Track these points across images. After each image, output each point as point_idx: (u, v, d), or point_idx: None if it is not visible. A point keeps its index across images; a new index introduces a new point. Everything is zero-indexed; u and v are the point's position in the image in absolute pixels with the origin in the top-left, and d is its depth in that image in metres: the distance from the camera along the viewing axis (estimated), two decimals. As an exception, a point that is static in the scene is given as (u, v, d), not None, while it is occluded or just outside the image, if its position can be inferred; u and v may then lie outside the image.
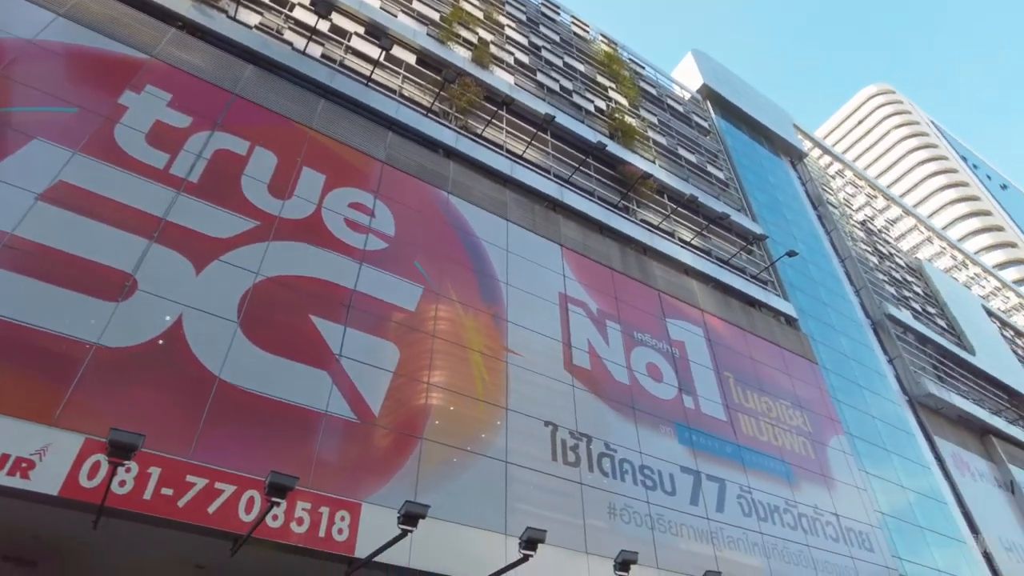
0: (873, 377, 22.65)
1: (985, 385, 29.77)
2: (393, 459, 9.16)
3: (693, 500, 12.28)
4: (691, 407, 14.11)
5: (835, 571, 13.81)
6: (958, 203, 79.09)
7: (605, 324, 13.99)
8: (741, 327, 17.64)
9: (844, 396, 19.86)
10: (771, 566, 12.51)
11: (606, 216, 16.96)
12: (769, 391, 16.51)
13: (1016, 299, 49.61)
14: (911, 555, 17.21)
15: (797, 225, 27.19)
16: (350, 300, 10.24)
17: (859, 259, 28.90)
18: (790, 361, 18.13)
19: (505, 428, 10.56)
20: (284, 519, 7.69)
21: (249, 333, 9.00)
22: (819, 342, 20.99)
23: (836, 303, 24.85)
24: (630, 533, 10.73)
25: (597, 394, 12.44)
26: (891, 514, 17.73)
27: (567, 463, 10.90)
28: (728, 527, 12.44)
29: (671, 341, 15.15)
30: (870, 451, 19.09)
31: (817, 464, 15.92)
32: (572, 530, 10.14)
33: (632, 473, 11.67)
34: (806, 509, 14.48)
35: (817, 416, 17.28)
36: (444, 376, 10.52)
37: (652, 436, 12.67)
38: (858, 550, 14.87)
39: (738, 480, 13.54)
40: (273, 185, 10.89)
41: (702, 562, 11.11)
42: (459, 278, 12.07)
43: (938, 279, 34.81)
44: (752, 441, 14.78)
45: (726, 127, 28.82)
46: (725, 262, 19.84)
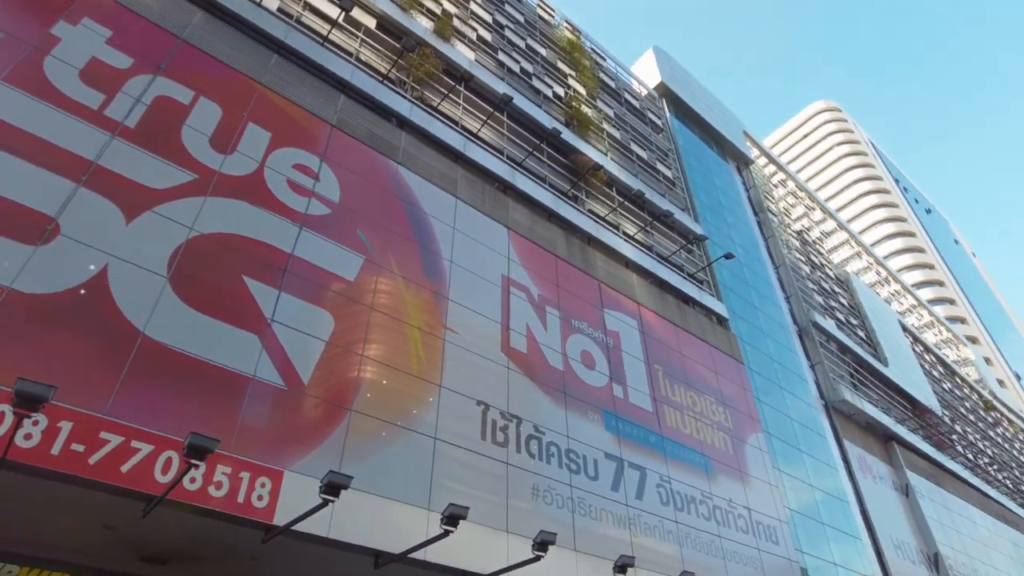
0: (794, 380, 23.72)
1: (893, 395, 31.65)
2: (320, 429, 9.04)
3: (614, 486, 12.62)
4: (620, 396, 14.45)
5: (742, 561, 14.49)
6: (887, 223, 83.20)
7: (545, 310, 14.13)
8: (674, 323, 18.14)
9: (766, 396, 20.74)
10: (684, 554, 13.01)
11: (555, 203, 17.07)
12: (696, 386, 17.07)
13: (928, 317, 52.75)
14: (812, 549, 18.23)
15: (737, 229, 28.05)
16: (287, 264, 9.99)
17: (792, 267, 30.08)
18: (718, 359, 18.78)
19: (437, 405, 10.57)
20: (202, 482, 7.50)
21: (178, 289, 8.67)
22: (747, 343, 21.82)
23: (766, 307, 25.84)
24: (551, 515, 10.97)
25: (531, 377, 12.58)
26: (798, 510, 18.71)
27: (496, 443, 11.01)
28: (646, 514, 12.86)
29: (607, 331, 15.45)
30: (785, 450, 20.05)
31: (735, 459, 16.60)
32: (495, 509, 10.28)
33: (558, 456, 11.89)
34: (721, 502, 15.11)
35: (739, 413, 17.99)
36: (379, 350, 10.42)
37: (580, 422, 12.93)
38: (765, 542, 15.64)
39: (659, 470, 13.99)
40: (215, 138, 10.46)
41: (618, 547, 11.45)
42: (402, 251, 11.94)
43: (862, 292, 36.62)
44: (675, 433, 15.28)
45: (679, 127, 29.35)
46: (665, 259, 20.30)
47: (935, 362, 42.63)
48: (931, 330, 51.37)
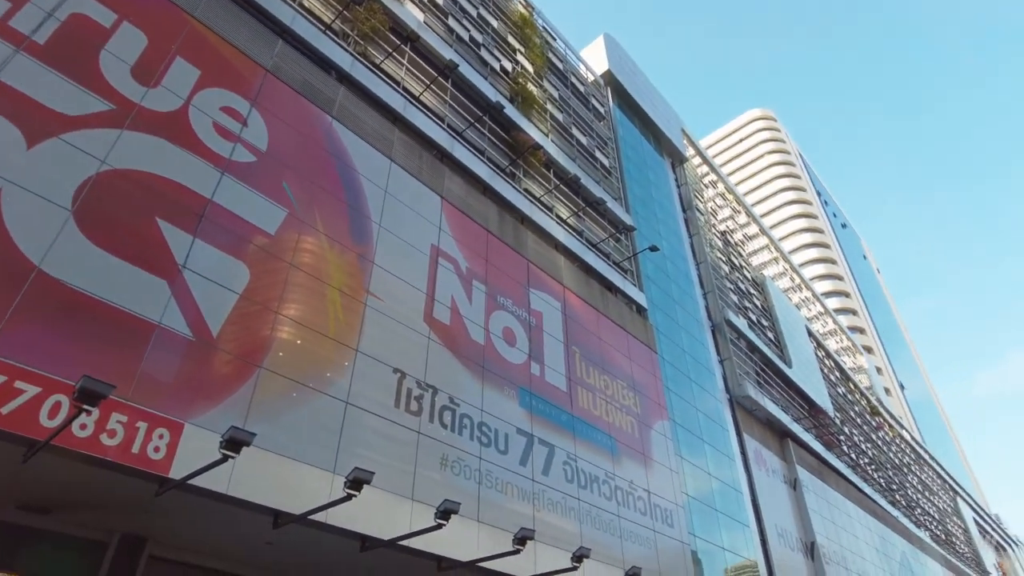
0: (703, 373, 24.79)
1: (793, 395, 33.62)
2: (227, 384, 8.75)
3: (523, 461, 12.88)
4: (537, 374, 14.69)
5: (638, 541, 15.13)
6: (805, 233, 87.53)
7: (471, 283, 14.13)
8: (596, 308, 18.54)
9: (675, 386, 21.59)
10: (583, 531, 13.46)
11: (492, 178, 17.01)
12: (610, 371, 17.56)
13: (832, 325, 56.15)
14: (704, 533, 19.27)
15: (665, 224, 28.84)
16: (204, 210, 9.53)
17: (713, 265, 31.24)
18: (633, 346, 19.37)
19: (352, 370, 10.42)
20: (94, 430, 7.12)
21: (83, 225, 8.12)
22: (662, 334, 22.59)
23: (684, 301, 26.80)
24: (458, 485, 11.08)
25: (451, 349, 12.59)
26: (694, 496, 19.68)
27: (409, 411, 10.99)
28: (550, 490, 13.20)
29: (530, 310, 15.63)
30: (688, 438, 20.99)
31: (640, 443, 17.24)
32: (402, 476, 10.28)
33: (470, 429, 12.00)
34: (623, 483, 15.68)
35: (648, 400, 18.65)
36: (296, 309, 10.15)
37: (496, 396, 13.07)
38: (661, 524, 16.37)
39: (567, 448, 14.37)
40: (138, 69, 9.79)
41: (521, 520, 11.71)
42: (329, 209, 11.61)
43: (775, 296, 38.50)
44: (586, 414, 15.70)
45: (620, 117, 29.74)
46: (594, 245, 20.66)
47: (833, 367, 45.51)
48: (833, 337, 54.73)
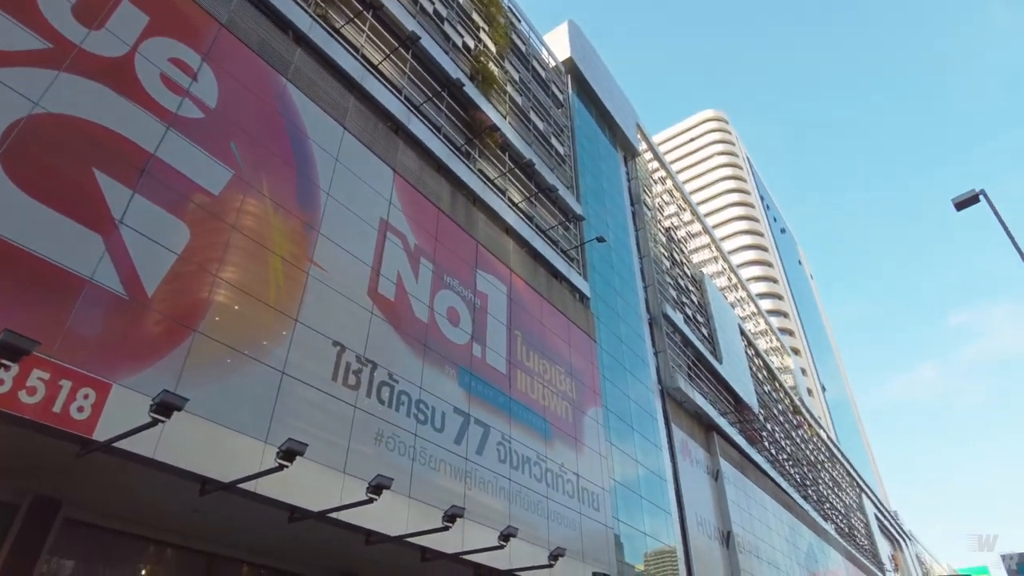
0: (638, 363, 25.45)
1: (722, 390, 34.90)
2: (159, 346, 8.48)
3: (458, 440, 13.00)
4: (478, 355, 14.80)
5: (564, 523, 15.53)
6: (746, 235, 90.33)
7: (419, 260, 14.06)
8: (541, 294, 18.76)
9: (610, 374, 22.12)
10: (511, 510, 13.72)
11: (447, 155, 16.90)
12: (549, 356, 17.85)
13: (764, 325, 58.38)
14: (627, 518, 19.92)
15: (613, 215, 29.29)
16: (146, 165, 9.14)
17: (655, 260, 31.96)
18: (574, 334, 19.71)
19: (291, 339, 10.26)
20: (12, 386, 6.80)
21: (11, 170, 7.67)
22: (603, 323, 23.06)
23: (625, 293, 27.38)
24: (392, 460, 11.11)
25: (394, 326, 12.54)
26: (621, 482, 20.30)
27: (347, 385, 10.91)
28: (483, 470, 13.39)
29: (476, 291, 15.68)
30: (619, 426, 21.58)
31: (573, 428, 17.63)
32: (335, 449, 10.24)
33: (408, 405, 12.02)
34: (554, 465, 16.04)
35: (583, 386, 19.06)
36: (236, 273, 9.89)
37: (436, 375, 13.12)
38: (587, 508, 16.84)
39: (502, 429, 14.57)
40: (80, 9, 9.24)
41: (452, 498, 11.85)
42: (277, 174, 11.32)
43: (712, 294, 39.72)
44: (523, 396, 15.94)
45: (578, 106, 29.90)
46: (543, 231, 20.83)
47: (762, 366, 47.42)
48: (764, 337, 56.95)
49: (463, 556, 11.72)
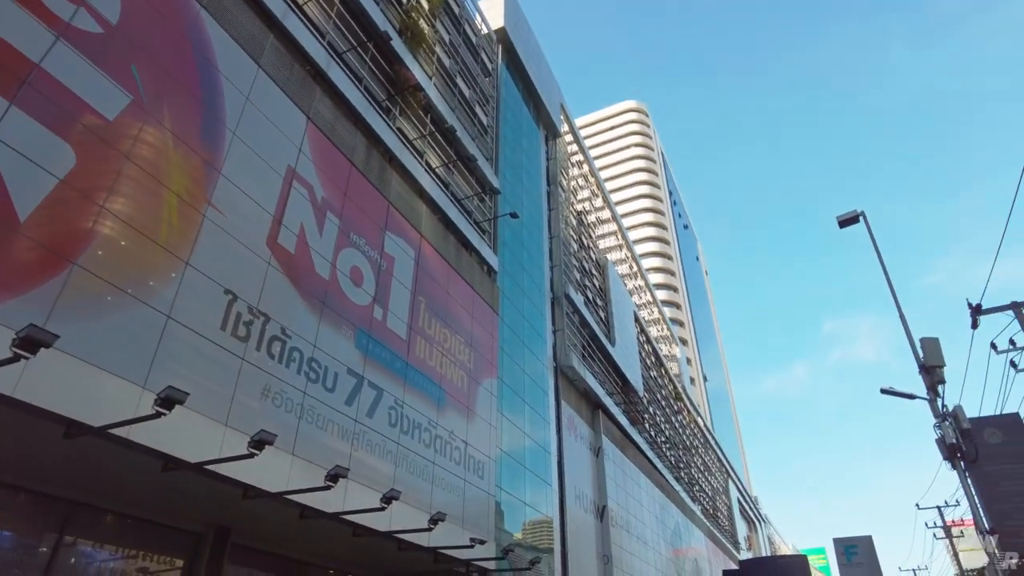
0: (536, 340, 26.03)
1: (611, 372, 36.36)
2: (29, 275, 7.78)
3: (349, 401, 12.84)
4: (379, 319, 14.62)
5: (448, 488, 15.78)
6: (650, 227, 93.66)
7: (325, 215, 13.63)
8: (449, 263, 18.72)
9: (509, 348, 22.51)
10: (397, 474, 13.78)
11: (365, 109, 16.36)
12: (451, 325, 17.91)
13: (657, 314, 61.06)
14: (509, 487, 20.50)
15: (528, 193, 29.55)
16: (29, 76, 8.27)
17: (564, 241, 32.60)
18: (478, 306, 19.86)
19: (180, 282, 9.70)
20: None
21: None
22: (507, 297, 23.37)
23: (532, 270, 27.83)
24: (277, 416, 10.83)
25: (292, 279, 12.12)
26: (507, 452, 20.82)
27: (236, 336, 10.48)
28: (372, 432, 13.33)
29: (383, 253, 15.42)
30: (511, 398, 22.06)
31: (467, 397, 17.85)
32: (219, 400, 9.85)
33: (299, 362, 11.72)
34: (444, 432, 16.21)
35: (482, 358, 19.30)
36: (125, 205, 9.20)
37: (332, 334, 12.85)
38: (472, 475, 17.17)
39: (396, 393, 14.53)
40: None
41: (338, 458, 11.74)
42: (180, 105, 10.56)
43: (613, 280, 41.06)
44: (420, 363, 15.94)
45: (506, 78, 29.74)
46: (458, 200, 20.71)
47: (651, 352, 49.73)
48: (656, 326, 59.61)
49: (342, 516, 11.68)
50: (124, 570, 11.11)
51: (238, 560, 14.00)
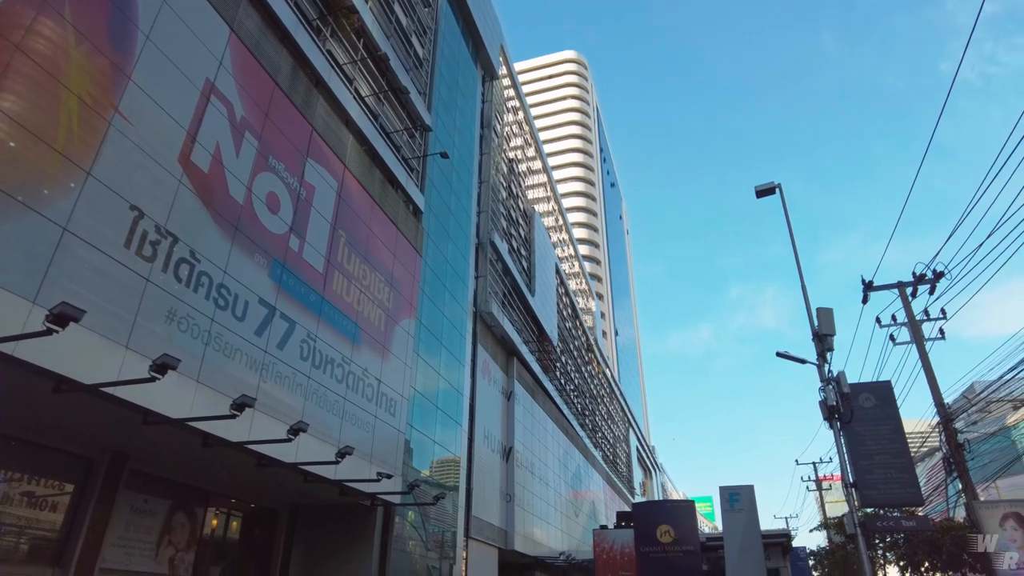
0: (457, 284, 26.07)
1: (528, 320, 37.05)
2: (-102, 169, 7.03)
3: (259, 331, 12.52)
4: (295, 249, 14.19)
5: (359, 424, 15.83)
6: (578, 181, 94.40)
7: (244, 135, 12.92)
8: (373, 198, 18.28)
9: (429, 290, 22.45)
10: (306, 407, 13.66)
11: (294, 26, 15.42)
12: (372, 262, 17.63)
13: (577, 268, 62.32)
14: (420, 426, 20.78)
15: (460, 134, 29.01)
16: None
17: (493, 187, 32.43)
18: (400, 245, 19.60)
19: (79, 194, 9.01)
20: None
21: None
22: (431, 239, 23.15)
23: (459, 214, 27.60)
24: (182, 342, 10.43)
25: (204, 201, 11.50)
26: (421, 392, 21.02)
27: (141, 255, 9.92)
28: (281, 364, 13.10)
29: (303, 182, 14.86)
30: (429, 340, 22.14)
31: (383, 336, 17.77)
32: (119, 321, 9.37)
33: (208, 288, 11.26)
34: (357, 369, 16.14)
35: (401, 298, 19.18)
36: (16, 104, 8.38)
37: (244, 262, 12.38)
38: (384, 412, 17.28)
39: (309, 327, 14.28)
40: None
41: (245, 388, 11.49)
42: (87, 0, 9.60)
43: (538, 231, 41.40)
44: (337, 299, 15.68)
45: (447, 11, 28.70)
46: (387, 133, 20.10)
47: (568, 304, 50.90)
48: (575, 279, 60.90)
49: (247, 445, 11.55)
50: (7, 494, 10.61)
51: (136, 487, 13.66)
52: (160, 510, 14.60)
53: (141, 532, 13.99)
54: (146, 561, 14.03)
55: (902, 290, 15.48)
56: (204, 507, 16.06)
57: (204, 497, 16.05)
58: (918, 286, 15.05)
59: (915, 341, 14.98)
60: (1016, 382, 14.28)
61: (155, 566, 14.25)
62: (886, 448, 12.90)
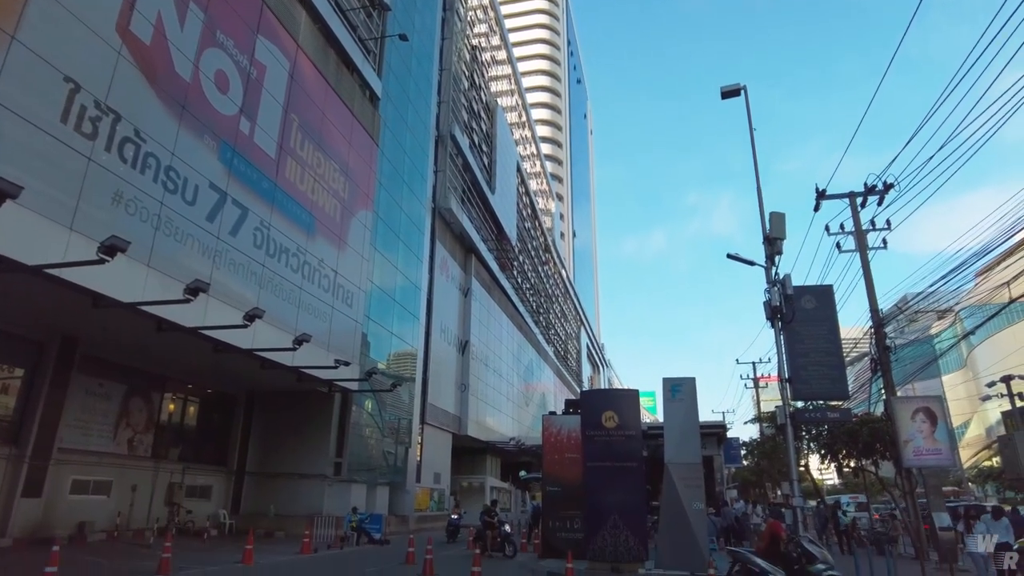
0: (416, 178, 25.57)
1: (488, 219, 36.91)
2: None
3: (211, 217, 12.20)
4: (245, 132, 13.60)
5: (315, 314, 15.90)
6: (544, 75, 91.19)
7: (188, 6, 11.96)
8: (328, 81, 17.43)
9: (387, 182, 22.00)
10: (262, 295, 13.60)
11: None
12: (326, 149, 17.06)
13: (539, 168, 61.62)
14: (378, 318, 21.01)
15: (422, 16, 27.44)
16: None
17: (455, 76, 31.16)
18: (356, 132, 18.94)
19: (3, 62, 8.33)
20: None
21: None
22: (389, 128, 22.40)
23: (418, 104, 26.61)
24: (131, 226, 10.09)
25: (147, 76, 10.78)
26: (378, 284, 21.08)
27: (81, 132, 9.37)
28: (235, 251, 12.89)
29: (253, 60, 14.02)
30: (386, 233, 21.95)
31: (339, 227, 17.53)
32: (62, 201, 8.96)
33: (156, 170, 10.80)
34: (313, 259, 16.00)
35: (357, 188, 18.78)
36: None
37: (193, 143, 11.84)
38: (341, 304, 17.35)
39: (262, 215, 13.96)
40: None
41: (196, 274, 11.25)
42: None
43: (501, 126, 40.39)
44: (291, 187, 15.26)
45: None
46: (342, 11, 18.89)
47: (528, 204, 50.69)
48: (536, 179, 60.35)
49: (202, 331, 11.56)
50: (-46, 372, 10.48)
51: (90, 371, 13.65)
52: (116, 394, 14.69)
53: (98, 415, 14.13)
54: (104, 442, 14.27)
55: (852, 200, 15.89)
56: (161, 392, 16.23)
57: (160, 382, 16.17)
58: (868, 196, 15.46)
59: (859, 249, 15.58)
60: (941, 294, 15.14)
61: (114, 447, 14.53)
62: (821, 347, 13.69)
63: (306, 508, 17.36)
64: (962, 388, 60.31)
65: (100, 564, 9.68)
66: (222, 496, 17.94)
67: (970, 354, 60.65)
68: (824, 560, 8.11)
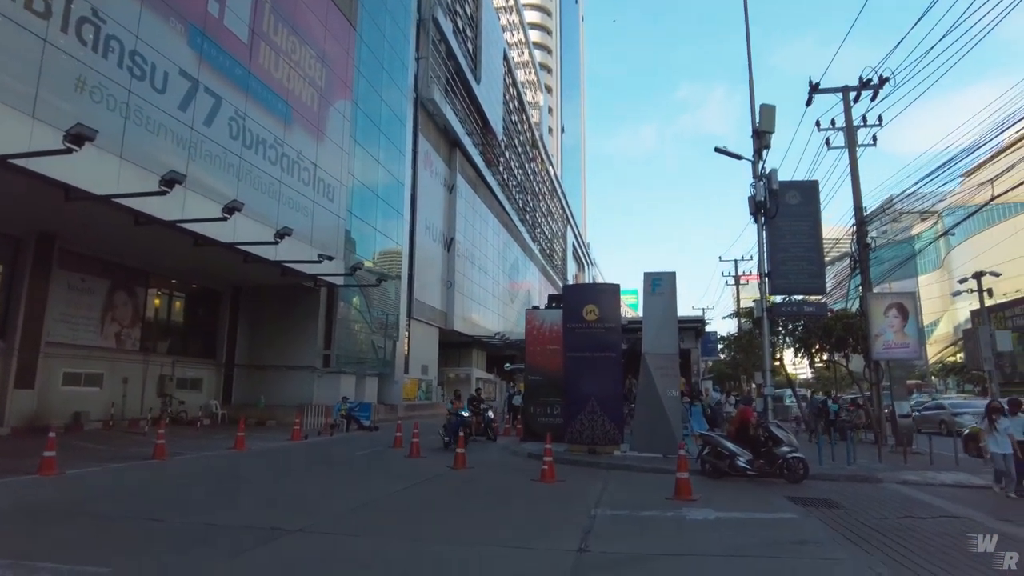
0: (397, 65, 24.44)
1: (473, 111, 35.75)
2: None
3: (183, 106, 11.74)
4: (215, 15, 12.83)
5: (296, 208, 15.69)
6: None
7: None
8: (300, -41, 16.26)
9: (365, 69, 21.03)
10: (240, 188, 13.35)
11: None
12: (300, 34, 16.19)
13: (527, 57, 59.09)
14: (361, 213, 20.77)
15: None
16: None
17: (437, -46, 29.11)
18: (332, 15, 17.91)
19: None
20: None
21: None
22: (366, 11, 21.13)
23: (398, -16, 25.00)
24: (98, 114, 9.70)
25: (100, -53, 9.99)
26: (360, 179, 20.68)
27: (33, 11, 8.79)
28: (210, 143, 12.51)
29: (217, -68, 12.97)
30: (366, 125, 21.26)
31: (317, 117, 16.97)
32: (18, 87, 8.55)
33: (120, 55, 10.25)
34: (291, 151, 15.59)
35: (334, 76, 18.01)
36: None
37: (159, 25, 11.17)
38: (322, 198, 17.09)
39: (237, 104, 13.44)
40: None
41: (172, 165, 10.95)
42: None
43: (487, 9, 38.25)
44: (265, 74, 14.60)
45: None
46: None
47: (515, 96, 49.01)
48: (524, 69, 58.02)
49: (180, 224, 11.42)
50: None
51: (71, 266, 13.58)
52: (99, 289, 14.69)
53: (83, 309, 14.20)
54: (91, 335, 14.43)
55: (845, 94, 15.50)
56: (145, 287, 16.24)
57: (143, 277, 16.15)
58: (861, 91, 15.06)
59: (848, 145, 15.38)
60: (926, 195, 15.13)
61: (101, 340, 14.71)
62: (802, 243, 13.87)
63: (296, 398, 17.92)
64: (936, 287, 61.77)
65: (98, 450, 10.05)
66: (213, 388, 18.44)
67: (947, 255, 61.68)
68: (789, 443, 8.62)
